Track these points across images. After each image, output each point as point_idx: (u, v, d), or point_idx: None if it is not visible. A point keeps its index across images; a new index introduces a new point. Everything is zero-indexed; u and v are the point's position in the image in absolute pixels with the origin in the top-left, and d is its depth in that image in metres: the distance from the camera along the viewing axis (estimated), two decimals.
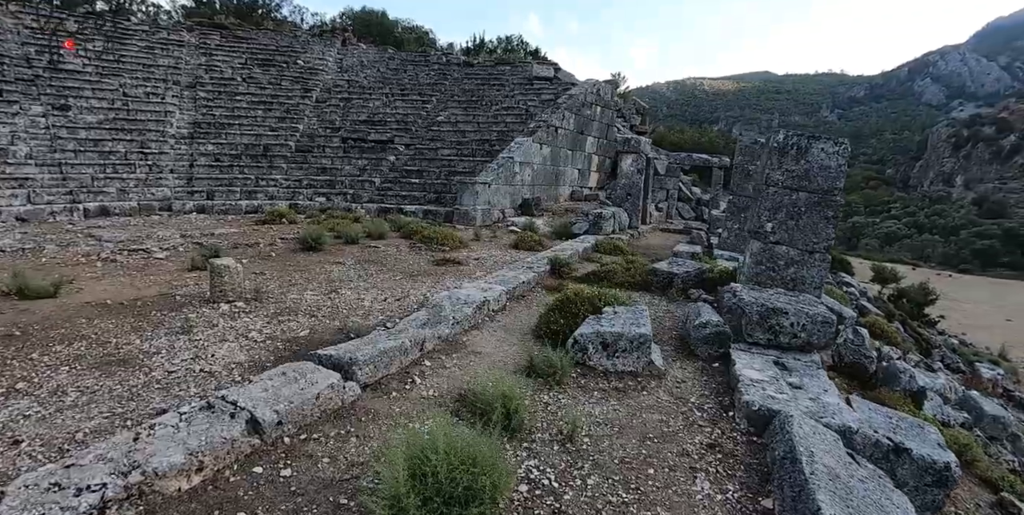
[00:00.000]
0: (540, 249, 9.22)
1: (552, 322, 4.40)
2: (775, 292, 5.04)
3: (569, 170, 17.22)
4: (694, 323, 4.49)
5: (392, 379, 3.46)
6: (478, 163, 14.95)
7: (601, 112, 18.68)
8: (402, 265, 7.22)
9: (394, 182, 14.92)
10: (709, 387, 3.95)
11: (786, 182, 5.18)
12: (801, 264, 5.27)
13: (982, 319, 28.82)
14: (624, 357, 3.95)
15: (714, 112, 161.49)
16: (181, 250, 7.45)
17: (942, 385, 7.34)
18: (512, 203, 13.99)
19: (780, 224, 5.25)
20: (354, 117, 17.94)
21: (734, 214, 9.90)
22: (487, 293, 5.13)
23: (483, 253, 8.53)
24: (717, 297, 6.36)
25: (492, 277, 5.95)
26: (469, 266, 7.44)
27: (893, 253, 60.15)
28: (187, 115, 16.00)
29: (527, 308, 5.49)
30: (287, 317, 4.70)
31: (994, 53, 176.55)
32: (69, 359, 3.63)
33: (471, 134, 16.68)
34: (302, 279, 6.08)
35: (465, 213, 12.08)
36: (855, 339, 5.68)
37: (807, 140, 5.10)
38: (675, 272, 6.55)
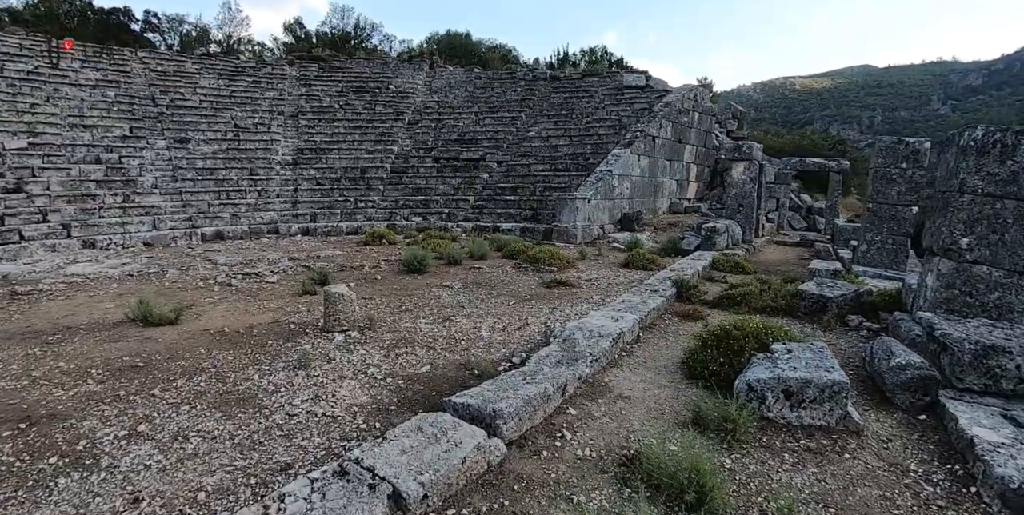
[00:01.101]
0: (653, 268, 8.51)
1: (709, 361, 3.73)
2: (980, 323, 4.07)
3: (667, 181, 16.32)
4: (889, 365, 3.65)
5: (538, 433, 2.95)
6: (573, 177, 14.46)
7: (699, 118, 17.66)
8: (511, 288, 6.80)
9: (488, 200, 14.74)
10: (926, 449, 3.12)
11: (987, 188, 4.21)
12: (1007, 288, 4.25)
13: None
14: (813, 409, 3.21)
15: (807, 112, 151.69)
16: (290, 273, 7.47)
17: None
18: (611, 218, 13.35)
19: (979, 239, 4.27)
20: (445, 136, 18.09)
21: (874, 224, 8.68)
22: (620, 324, 4.55)
23: (593, 273, 7.95)
24: (884, 326, 5.39)
25: (620, 304, 5.35)
26: (583, 289, 6.89)
27: None
28: (290, 143, 16.78)
29: (664, 340, 4.83)
30: (404, 349, 4.36)
31: None
32: (190, 397, 3.44)
33: (563, 148, 16.24)
34: (412, 305, 5.78)
35: (565, 230, 11.58)
36: None
37: (1014, 136, 4.12)
38: (828, 296, 5.63)
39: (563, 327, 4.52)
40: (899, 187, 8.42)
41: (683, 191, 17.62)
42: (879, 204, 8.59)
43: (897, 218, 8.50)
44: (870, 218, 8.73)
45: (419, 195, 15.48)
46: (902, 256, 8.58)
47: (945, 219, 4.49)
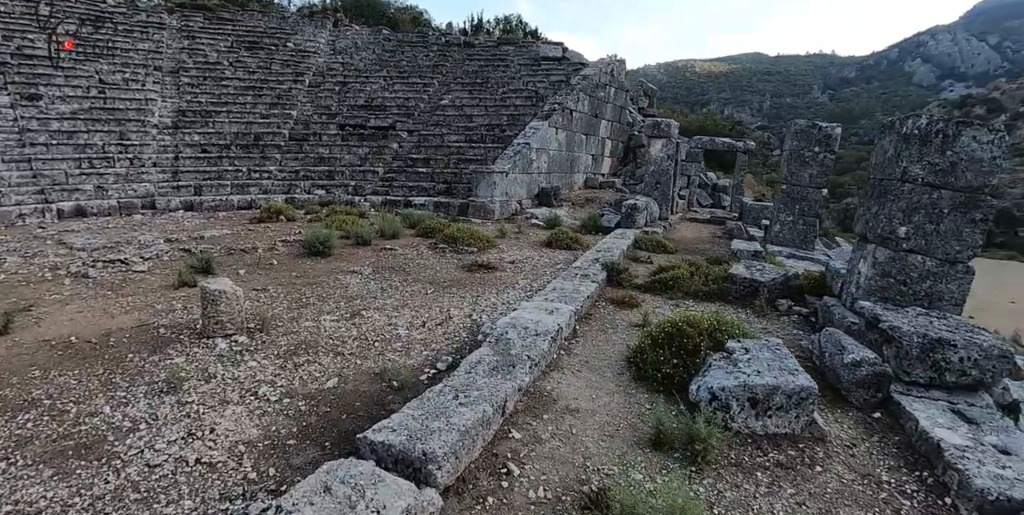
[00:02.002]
0: (577, 247, 8.14)
1: (662, 362, 3.34)
2: (917, 312, 4.01)
3: (583, 156, 16.09)
4: (843, 361, 3.45)
5: (479, 470, 2.39)
6: (489, 150, 13.78)
7: (615, 94, 17.50)
8: (429, 273, 6.11)
9: (399, 172, 13.72)
10: (890, 453, 2.92)
11: (927, 178, 4.11)
12: (939, 277, 4.23)
13: (986, 302, 28.14)
14: (779, 417, 2.91)
15: (705, 94, 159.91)
16: (166, 259, 6.28)
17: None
18: (529, 193, 12.87)
19: (916, 228, 4.19)
20: (351, 102, 16.62)
21: (787, 205, 8.86)
22: (556, 317, 4.05)
23: (516, 254, 7.43)
24: (812, 310, 5.35)
25: (553, 293, 4.86)
26: (507, 272, 6.35)
27: None
28: (170, 103, 14.61)
29: (603, 332, 4.41)
30: (305, 357, 3.60)
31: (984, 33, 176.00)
32: (9, 446, 2.52)
33: (478, 118, 15.45)
34: (315, 297, 4.95)
35: (482, 206, 10.95)
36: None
37: (955, 126, 4.02)
38: (759, 280, 5.50)
39: (494, 324, 3.96)
40: (811, 170, 8.59)
41: (598, 166, 17.52)
42: (792, 186, 8.75)
43: (808, 200, 8.71)
44: (783, 199, 8.89)
45: (322, 165, 14.10)
46: (811, 236, 8.85)
47: (883, 208, 4.38)
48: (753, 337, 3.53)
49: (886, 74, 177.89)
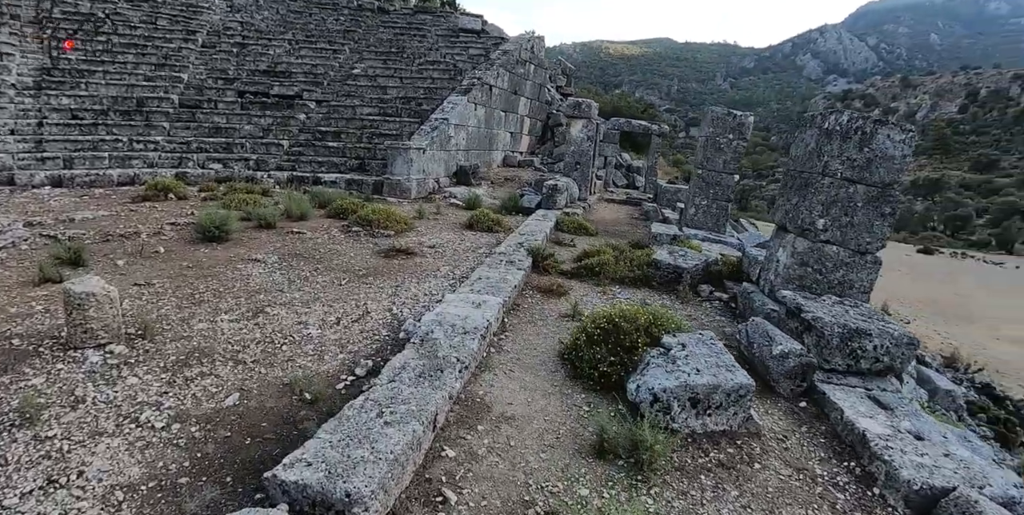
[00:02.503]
0: (499, 230, 7.90)
1: (598, 360, 3.19)
2: (833, 301, 4.16)
3: (502, 133, 15.78)
4: (772, 353, 3.47)
5: (411, 501, 2.11)
6: (405, 124, 13.11)
7: (534, 71, 17.24)
8: (343, 260, 5.62)
9: (306, 145, 12.72)
10: (819, 443, 2.98)
11: (845, 173, 4.22)
12: (851, 266, 4.41)
13: None
14: (718, 415, 2.86)
15: (618, 75, 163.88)
16: (25, 248, 5.31)
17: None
18: (447, 171, 12.42)
19: (833, 220, 4.32)
20: (252, 67, 15.17)
21: (702, 189, 9.11)
22: (484, 311, 3.80)
23: (435, 237, 7.06)
24: (732, 296, 5.47)
25: (479, 283, 4.58)
26: (427, 258, 5.99)
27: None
28: (32, 59, 12.55)
29: (532, 324, 4.22)
30: (199, 368, 3.10)
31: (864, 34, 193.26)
32: None
33: (393, 90, 14.64)
34: (210, 292, 4.35)
35: (398, 184, 10.39)
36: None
37: (873, 125, 4.13)
38: (683, 266, 5.54)
39: (418, 321, 3.64)
40: (725, 156, 8.85)
41: (517, 144, 17.30)
42: (708, 171, 8.98)
43: (722, 185, 8.99)
44: (699, 183, 9.12)
45: (219, 136, 12.78)
46: (723, 220, 9.18)
47: (804, 200, 4.47)
48: (687, 330, 3.47)
49: (780, 66, 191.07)
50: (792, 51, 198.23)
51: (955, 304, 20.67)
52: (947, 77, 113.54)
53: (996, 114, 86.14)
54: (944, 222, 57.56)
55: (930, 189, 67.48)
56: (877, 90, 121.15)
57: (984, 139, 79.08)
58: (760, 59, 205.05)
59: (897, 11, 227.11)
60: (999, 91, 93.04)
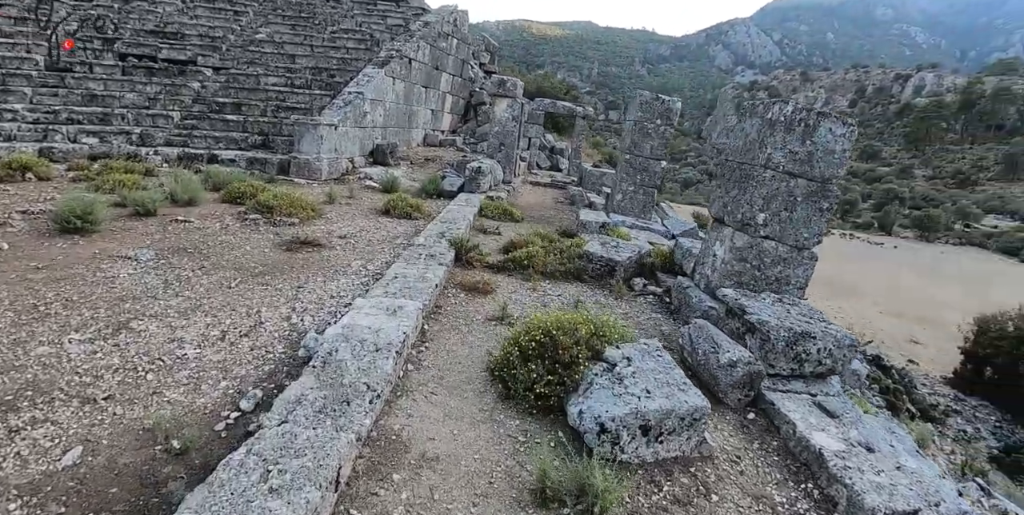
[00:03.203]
0: (419, 216, 7.29)
1: (535, 380, 2.76)
2: (772, 299, 3.99)
3: (423, 111, 14.93)
4: (719, 361, 3.20)
5: None
6: (315, 97, 11.99)
7: (457, 46, 16.41)
8: (235, 255, 4.83)
9: (201, 118, 11.31)
10: (773, 462, 2.75)
11: (787, 166, 4.02)
12: (788, 262, 4.26)
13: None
14: (670, 441, 2.52)
15: (541, 56, 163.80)
16: None
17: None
18: (362, 150, 11.51)
19: (773, 215, 4.13)
20: (136, 25, 13.31)
21: (629, 175, 8.92)
22: (400, 320, 3.25)
23: (347, 225, 6.35)
24: (666, 289, 5.25)
25: (395, 283, 4.01)
26: (337, 250, 5.31)
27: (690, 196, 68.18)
28: None
29: (455, 331, 3.73)
30: (29, 413, 2.35)
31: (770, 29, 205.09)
32: None
33: (303, 60, 13.36)
34: (60, 302, 3.48)
35: (307, 163, 9.43)
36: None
37: (816, 117, 3.94)
38: (616, 259, 5.23)
39: (321, 335, 3.05)
40: (653, 142, 8.68)
41: (438, 122, 16.50)
42: (635, 156, 8.79)
43: (649, 171, 8.84)
44: (626, 169, 8.92)
45: (94, 105, 11.07)
46: (650, 206, 9.06)
47: (745, 193, 4.24)
48: (631, 340, 3.13)
49: (694, 55, 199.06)
50: (705, 42, 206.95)
51: (844, 281, 22.42)
52: (840, 74, 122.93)
53: (880, 109, 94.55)
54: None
55: None
56: (780, 82, 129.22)
57: (869, 131, 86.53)
58: (676, 47, 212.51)
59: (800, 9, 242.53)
60: (883, 88, 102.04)
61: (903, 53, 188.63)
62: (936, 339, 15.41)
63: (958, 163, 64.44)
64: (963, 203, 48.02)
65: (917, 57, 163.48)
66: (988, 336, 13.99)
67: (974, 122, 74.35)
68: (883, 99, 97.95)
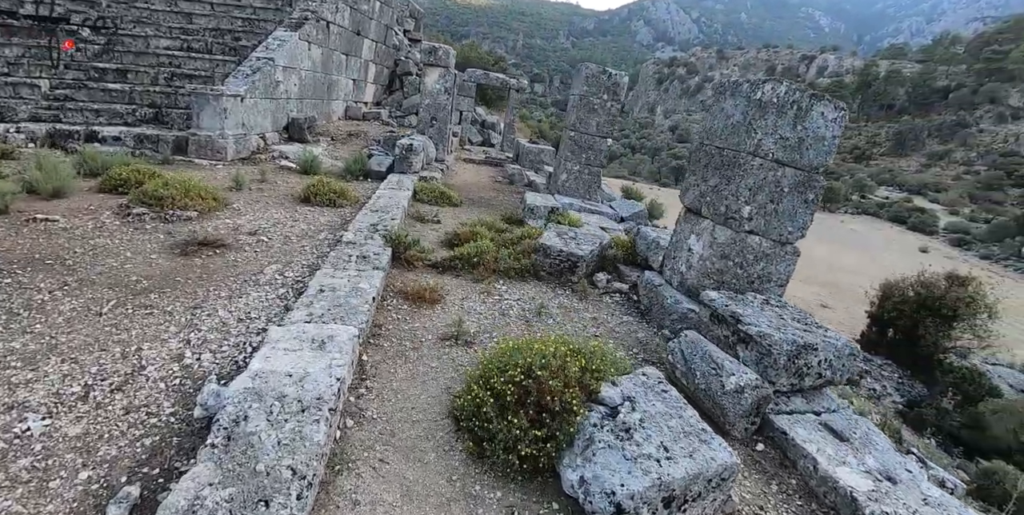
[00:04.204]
0: (345, 203, 6.40)
1: (517, 438, 2.14)
2: (759, 301, 3.57)
3: (343, 80, 13.60)
4: (724, 387, 2.71)
5: None
6: (218, 64, 10.47)
7: (380, 10, 15.02)
8: (112, 265, 3.83)
9: (77, 87, 9.56)
10: (797, 509, 2.30)
11: (777, 153, 3.55)
12: (771, 258, 3.85)
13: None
14: (693, 508, 2.00)
15: (466, 26, 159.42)
16: None
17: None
18: (275, 125, 10.23)
19: (759, 208, 3.68)
20: None
21: (575, 154, 8.36)
22: (332, 356, 2.51)
23: (258, 218, 5.38)
24: (632, 285, 4.77)
25: (321, 300, 3.21)
26: (245, 252, 4.39)
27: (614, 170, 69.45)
28: None
29: (403, 359, 3.02)
30: None
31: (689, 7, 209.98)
32: None
33: (202, 19, 11.65)
34: None
35: (208, 141, 8.16)
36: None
37: (810, 99, 3.48)
38: (577, 254, 4.65)
39: (224, 386, 2.26)
40: (599, 118, 8.13)
41: (361, 93, 15.17)
42: (581, 134, 8.22)
43: (595, 149, 8.31)
44: (571, 147, 8.34)
45: None
46: (595, 186, 8.57)
47: (729, 183, 3.74)
48: (627, 370, 2.57)
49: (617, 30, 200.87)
50: (628, 17, 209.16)
51: None
52: (752, 52, 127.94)
53: None
54: None
55: None
56: (698, 59, 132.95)
57: None
58: (600, 22, 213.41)
59: None
60: (791, 68, 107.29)
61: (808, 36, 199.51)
62: (843, 303, 16.29)
63: (855, 139, 69.21)
64: (859, 176, 51.75)
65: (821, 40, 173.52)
66: (892, 301, 14.98)
67: (869, 102, 79.91)
68: (791, 78, 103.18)
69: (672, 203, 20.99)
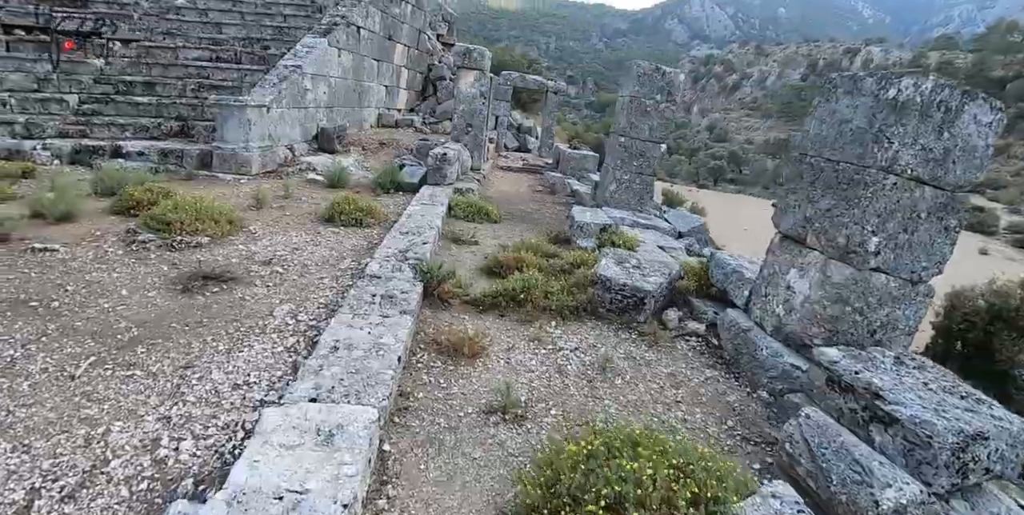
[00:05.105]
0: (372, 222, 5.79)
1: None
2: (892, 362, 2.75)
3: (375, 87, 13.16)
4: (880, 507, 1.93)
5: None
6: (246, 73, 10.13)
7: (412, 13, 14.56)
8: (103, 307, 3.28)
9: (105, 102, 9.32)
10: None
11: (916, 169, 2.75)
12: (898, 301, 3.03)
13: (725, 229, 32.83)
14: None
15: (498, 30, 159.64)
16: None
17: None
18: (304, 135, 9.79)
19: (889, 239, 2.87)
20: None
21: (625, 161, 7.59)
22: (341, 456, 1.86)
23: (276, 242, 4.81)
24: (709, 323, 3.99)
25: (334, 365, 2.54)
26: (255, 287, 3.81)
27: None
28: None
29: (433, 448, 2.34)
30: None
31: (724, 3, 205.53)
32: None
33: (232, 29, 11.38)
34: None
35: (232, 155, 7.72)
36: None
37: (961, 98, 2.66)
38: (643, 288, 3.90)
39: (200, 504, 1.63)
40: (652, 121, 7.34)
41: (393, 100, 14.72)
42: (631, 139, 7.44)
43: (647, 156, 7.52)
44: (620, 154, 7.57)
45: None
46: (647, 196, 7.78)
47: (850, 208, 2.92)
48: (748, 488, 1.82)
49: (651, 29, 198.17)
50: (662, 16, 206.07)
51: None
52: (792, 47, 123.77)
53: None
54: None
55: (779, 148, 73.71)
56: (735, 56, 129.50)
57: None
58: (633, 21, 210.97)
59: None
60: (833, 63, 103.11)
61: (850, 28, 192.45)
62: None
63: None
64: None
65: (864, 32, 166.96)
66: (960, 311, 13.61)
67: None
68: (834, 72, 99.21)
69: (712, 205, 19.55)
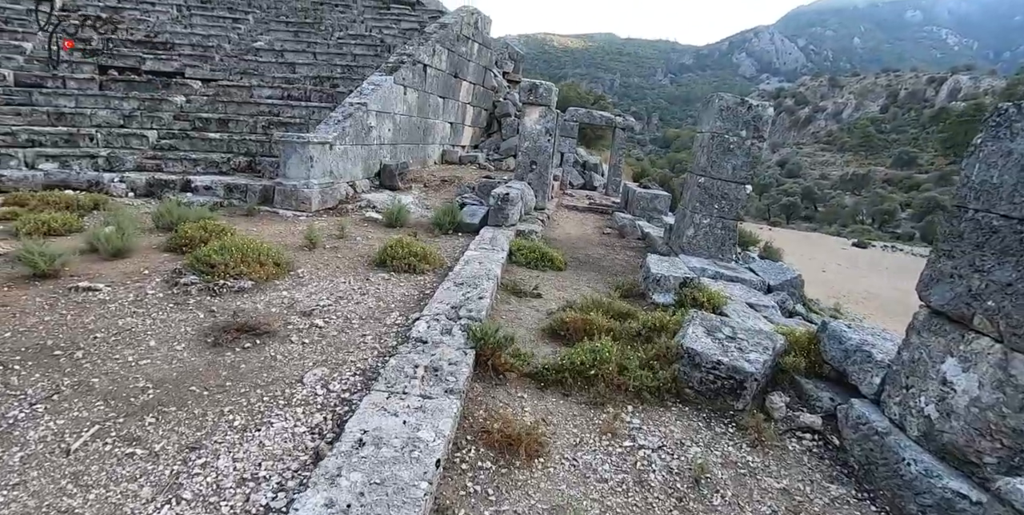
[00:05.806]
0: (426, 268, 5.35)
1: None
2: None
3: (440, 124, 13.13)
4: None
5: None
6: (314, 110, 10.27)
7: (479, 51, 14.62)
8: (126, 360, 2.95)
9: (181, 137, 9.62)
10: None
11: None
12: None
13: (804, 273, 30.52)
14: None
15: (563, 68, 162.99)
16: None
17: None
18: (366, 171, 9.70)
19: None
20: (125, 35, 11.84)
21: (705, 204, 6.89)
22: None
23: (321, 289, 4.44)
24: (827, 415, 3.20)
25: (359, 467, 2.02)
26: (290, 344, 3.38)
27: None
28: None
29: None
30: None
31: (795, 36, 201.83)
32: None
33: (304, 68, 11.69)
34: None
35: (293, 191, 7.62)
36: None
37: None
38: (743, 368, 3.18)
39: None
40: (736, 160, 6.64)
41: (458, 137, 14.69)
42: (712, 179, 6.76)
43: (730, 198, 6.79)
44: (700, 196, 6.88)
45: (61, 125, 9.45)
46: (729, 243, 7.00)
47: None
48: None
49: (718, 64, 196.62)
50: (729, 50, 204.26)
51: (895, 299, 19.82)
52: (870, 78, 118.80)
53: (914, 114, 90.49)
54: (872, 216, 59.57)
55: (857, 184, 69.64)
56: (807, 89, 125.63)
57: (903, 137, 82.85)
58: (699, 56, 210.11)
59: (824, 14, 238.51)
60: (916, 93, 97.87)
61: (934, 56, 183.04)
62: None
63: None
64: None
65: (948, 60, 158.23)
66: None
67: None
68: (916, 103, 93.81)
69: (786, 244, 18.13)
